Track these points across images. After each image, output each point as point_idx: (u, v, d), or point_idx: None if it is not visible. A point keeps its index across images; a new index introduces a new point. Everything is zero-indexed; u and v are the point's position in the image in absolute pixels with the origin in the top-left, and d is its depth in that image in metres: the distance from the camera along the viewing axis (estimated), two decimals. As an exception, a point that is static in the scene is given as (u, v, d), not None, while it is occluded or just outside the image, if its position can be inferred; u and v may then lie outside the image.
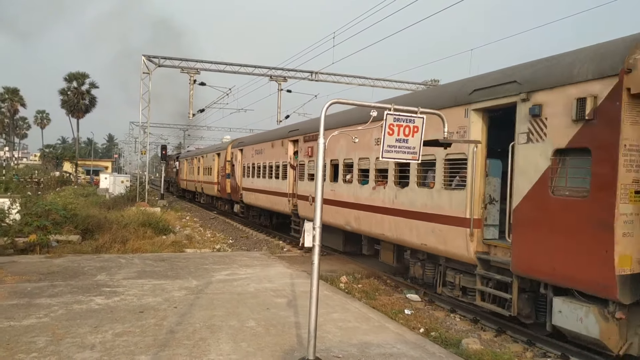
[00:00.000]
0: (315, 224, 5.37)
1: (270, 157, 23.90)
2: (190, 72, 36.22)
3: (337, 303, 10.11)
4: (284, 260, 15.38)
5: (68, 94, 71.52)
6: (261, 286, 11.34)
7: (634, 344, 7.40)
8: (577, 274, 7.56)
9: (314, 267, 5.55)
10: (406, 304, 11.22)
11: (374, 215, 13.32)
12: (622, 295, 7.00)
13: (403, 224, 12.06)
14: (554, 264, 7.96)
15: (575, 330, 7.68)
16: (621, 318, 7.25)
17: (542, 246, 8.17)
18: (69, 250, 15.78)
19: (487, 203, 9.84)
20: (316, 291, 5.59)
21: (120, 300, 9.75)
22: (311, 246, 5.48)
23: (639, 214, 7.12)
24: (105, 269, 12.70)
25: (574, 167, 7.87)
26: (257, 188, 25.94)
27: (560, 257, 7.85)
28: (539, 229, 8.26)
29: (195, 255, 16.00)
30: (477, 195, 9.80)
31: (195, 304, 9.65)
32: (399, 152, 5.80)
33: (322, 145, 5.48)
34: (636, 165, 7.08)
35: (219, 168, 36.00)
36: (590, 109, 7.36)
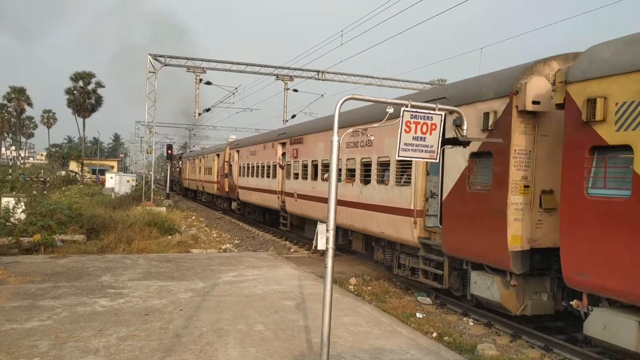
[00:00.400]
0: (329, 225, 5.12)
1: (263, 158, 25.97)
2: (196, 71, 35.98)
3: (347, 306, 9.85)
4: (292, 261, 15.13)
5: (74, 94, 71.31)
6: (269, 288, 11.10)
7: (528, 307, 9.19)
8: (486, 252, 9.54)
9: (327, 271, 5.29)
10: (417, 307, 10.94)
11: (345, 209, 14.85)
12: (514, 267, 8.90)
13: (367, 216, 13.96)
14: (470, 244, 9.89)
15: (485, 296, 9.55)
16: (515, 285, 9.09)
17: (462, 231, 10.12)
18: (74, 250, 15.58)
19: (429, 197, 11.70)
20: (330, 296, 5.35)
21: (125, 303, 9.52)
22: (324, 249, 5.22)
23: (528, 203, 8.97)
24: (110, 270, 12.48)
25: (482, 167, 9.86)
26: (251, 186, 27.87)
27: (474, 239, 9.75)
28: (460, 216, 10.21)
29: (201, 255, 15.77)
30: (420, 190, 11.71)
31: (201, 306, 9.41)
32: (416, 150, 5.54)
33: (336, 143, 5.23)
34: (524, 166, 8.98)
35: (219, 168, 37.86)
36: (492, 122, 9.32)
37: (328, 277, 5.33)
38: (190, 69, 36.08)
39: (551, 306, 9.26)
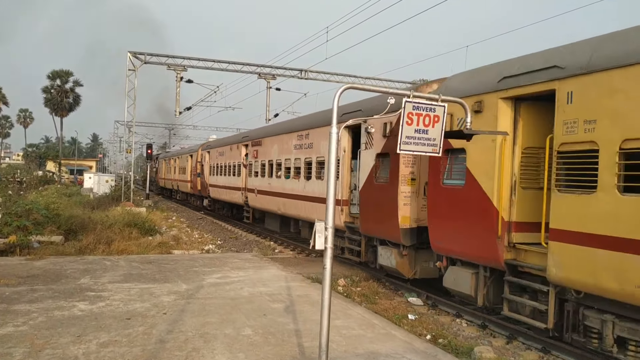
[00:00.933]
0: (328, 223, 4.79)
1: (230, 158, 28.84)
2: (177, 69, 35.35)
3: (338, 308, 9.51)
4: (277, 262, 14.77)
5: (51, 92, 70.08)
6: (256, 290, 10.72)
7: (417, 271, 11.84)
8: (386, 231, 12.23)
9: (326, 272, 4.96)
10: (409, 308, 10.65)
11: (294, 201, 18.45)
12: (404, 241, 11.57)
13: (310, 206, 17.00)
14: (377, 225, 12.75)
15: (387, 264, 12.27)
16: (406, 255, 11.69)
17: (372, 215, 12.87)
18: (51, 251, 15.03)
19: (353, 189, 14.60)
20: (328, 299, 5.02)
21: (106, 306, 9.07)
22: (322, 248, 4.89)
23: (414, 192, 11.61)
24: (89, 272, 11.99)
25: (384, 164, 12.48)
26: (220, 185, 31.14)
27: (379, 221, 12.51)
28: (370, 204, 12.88)
29: (183, 257, 15.32)
30: (345, 184, 14.58)
31: (186, 309, 9.01)
32: (418, 144, 5.23)
33: (335, 135, 4.90)
34: (411, 164, 11.64)
35: (192, 168, 39.89)
36: (388, 130, 11.98)
37: (327, 279, 4.99)
38: (170, 67, 35.42)
39: (436, 271, 11.41)
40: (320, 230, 4.82)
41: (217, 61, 36.44)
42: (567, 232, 7.42)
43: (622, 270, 6.58)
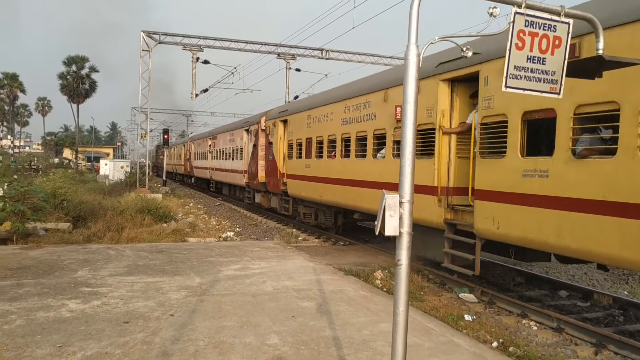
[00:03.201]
0: (404, 196, 3.13)
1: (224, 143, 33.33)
2: (192, 49, 33.83)
3: (380, 307, 7.86)
4: (302, 250, 13.13)
5: (67, 78, 69.00)
6: (280, 284, 9.09)
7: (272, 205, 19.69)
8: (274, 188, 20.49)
9: (401, 274, 3.28)
10: (462, 307, 8.94)
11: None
12: None
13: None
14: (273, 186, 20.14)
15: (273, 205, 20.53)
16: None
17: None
18: (56, 239, 13.61)
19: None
20: (404, 319, 3.32)
21: (101, 306, 7.51)
22: (396, 235, 3.23)
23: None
24: (89, 263, 10.48)
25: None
26: (200, 166, 42.16)
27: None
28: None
29: (198, 245, 13.76)
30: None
31: (197, 309, 7.41)
32: (532, 79, 3.51)
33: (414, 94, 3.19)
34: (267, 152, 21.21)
35: (184, 154, 50.84)
36: (253, 132, 22.85)
37: (402, 283, 3.31)
38: (186, 47, 33.91)
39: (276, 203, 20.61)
40: (393, 205, 3.15)
41: (235, 41, 34.79)
42: (485, 192, 8.79)
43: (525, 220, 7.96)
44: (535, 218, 7.73)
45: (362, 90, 13.62)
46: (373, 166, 12.64)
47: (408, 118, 3.19)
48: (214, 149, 36.35)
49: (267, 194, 23.12)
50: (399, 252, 3.26)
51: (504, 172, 8.31)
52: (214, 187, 37.92)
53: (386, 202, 3.15)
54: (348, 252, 13.65)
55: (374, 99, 12.78)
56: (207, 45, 34.11)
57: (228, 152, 31.42)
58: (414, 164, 3.23)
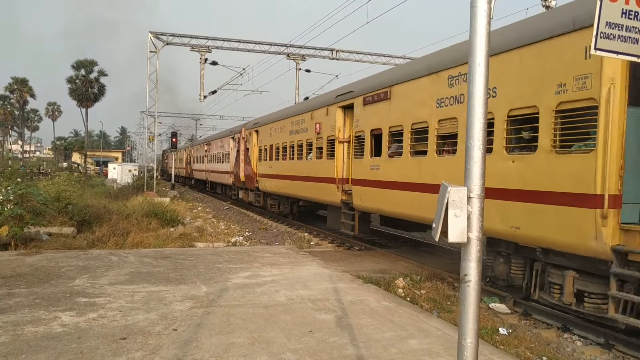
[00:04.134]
0: (473, 189, 2.37)
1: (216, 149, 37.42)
2: (201, 50, 33.26)
3: (406, 320, 7.06)
4: (316, 256, 12.35)
5: (76, 82, 68.66)
6: (294, 294, 8.32)
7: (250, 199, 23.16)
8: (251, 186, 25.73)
9: (469, 296, 2.52)
10: (495, 319, 8.14)
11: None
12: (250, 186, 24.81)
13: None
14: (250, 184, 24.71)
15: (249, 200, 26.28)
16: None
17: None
18: (58, 244, 12.95)
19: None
20: (473, 349, 2.53)
21: (97, 319, 6.77)
22: (462, 241, 2.45)
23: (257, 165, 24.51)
24: (88, 270, 9.76)
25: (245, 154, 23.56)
26: (198, 169, 47.11)
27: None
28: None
29: (206, 250, 13.01)
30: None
31: (203, 323, 6.65)
32: (627, 39, 2.73)
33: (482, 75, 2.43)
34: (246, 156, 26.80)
35: (185, 158, 56.36)
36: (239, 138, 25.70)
37: (471, 303, 2.53)
38: (194, 48, 33.35)
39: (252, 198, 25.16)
40: (459, 202, 2.38)
41: (243, 41, 34.16)
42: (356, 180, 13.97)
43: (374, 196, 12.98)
44: (377, 194, 12.68)
45: (300, 110, 19.49)
46: (306, 165, 18.02)
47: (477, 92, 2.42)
48: (208, 154, 40.77)
49: (247, 191, 28.08)
50: (466, 265, 2.49)
51: (363, 167, 13.55)
52: (209, 187, 43.03)
53: (449, 198, 2.38)
54: (365, 257, 12.87)
55: (306, 117, 18.22)
56: (215, 46, 33.55)
57: (219, 157, 36.06)
58: (484, 150, 2.45)
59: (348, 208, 14.54)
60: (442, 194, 2.43)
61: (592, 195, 6.73)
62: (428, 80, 10.69)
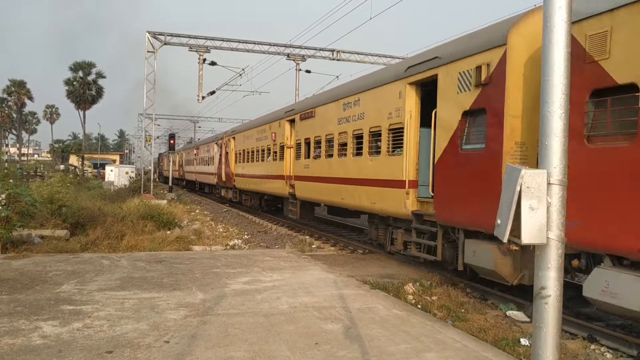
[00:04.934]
0: (553, 174, 1.78)
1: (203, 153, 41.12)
2: (199, 50, 32.70)
3: (421, 330, 6.46)
4: (319, 260, 11.75)
5: (74, 84, 67.97)
6: (298, 301, 7.72)
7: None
8: (229, 184, 30.01)
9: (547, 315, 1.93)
10: (514, 328, 7.53)
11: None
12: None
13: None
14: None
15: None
16: None
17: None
18: (51, 247, 12.39)
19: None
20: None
21: (82, 329, 6.16)
22: (541, 242, 1.85)
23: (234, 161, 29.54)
24: (77, 275, 9.16)
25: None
26: (189, 171, 50.32)
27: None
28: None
29: (202, 254, 12.39)
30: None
31: (198, 334, 6.05)
32: None
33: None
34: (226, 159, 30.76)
35: (178, 162, 59.07)
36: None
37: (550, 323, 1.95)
38: (192, 48, 32.80)
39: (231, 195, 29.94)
40: (536, 190, 1.78)
41: (243, 41, 33.61)
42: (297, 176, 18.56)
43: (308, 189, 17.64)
44: (311, 187, 16.70)
45: (263, 122, 24.30)
46: (267, 166, 22.56)
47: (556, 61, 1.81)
48: (197, 157, 45.01)
49: (227, 189, 32.24)
50: (544, 275, 1.88)
51: (300, 166, 17.85)
52: (198, 187, 47.01)
53: (523, 184, 1.78)
54: (369, 261, 12.26)
55: (267, 128, 22.94)
56: (214, 46, 33.01)
57: (206, 160, 40.10)
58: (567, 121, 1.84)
59: (293, 198, 18.94)
60: (511, 179, 1.84)
61: (402, 180, 11.11)
62: (333, 105, 15.37)
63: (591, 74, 6.43)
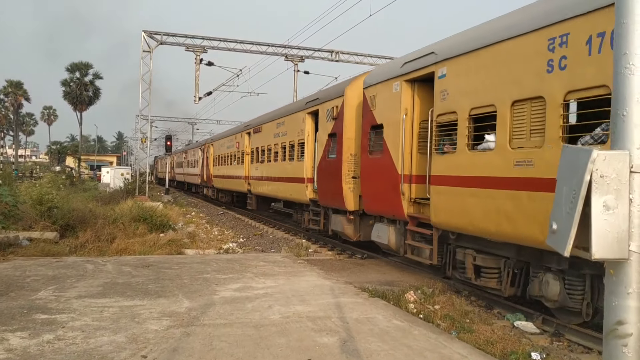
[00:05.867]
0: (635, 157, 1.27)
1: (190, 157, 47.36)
2: (196, 50, 32.20)
3: (424, 344, 5.92)
4: (315, 265, 11.21)
5: (71, 85, 67.52)
6: (291, 311, 7.18)
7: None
8: (209, 184, 36.23)
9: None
10: (523, 340, 6.98)
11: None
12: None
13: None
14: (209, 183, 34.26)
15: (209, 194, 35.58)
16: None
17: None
18: (38, 250, 11.85)
19: None
20: None
21: (53, 341, 5.62)
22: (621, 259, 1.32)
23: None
24: (57, 280, 8.61)
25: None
26: (179, 172, 55.50)
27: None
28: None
29: (193, 259, 11.85)
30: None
31: (180, 348, 5.50)
32: None
33: None
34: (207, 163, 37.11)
35: (170, 164, 58.77)
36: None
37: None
38: (189, 48, 32.28)
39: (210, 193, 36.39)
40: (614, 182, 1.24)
41: (240, 42, 33.11)
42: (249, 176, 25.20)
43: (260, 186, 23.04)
44: (260, 184, 22.10)
45: (231, 133, 30.64)
46: (233, 169, 27.72)
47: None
48: (186, 161, 50.82)
49: (207, 188, 37.44)
50: (621, 305, 1.29)
51: (253, 168, 23.42)
52: (186, 187, 52.46)
53: (595, 171, 1.25)
54: (368, 267, 11.72)
55: (233, 138, 28.60)
56: (211, 46, 32.52)
57: (192, 163, 45.70)
58: None
59: (250, 194, 24.55)
60: (573, 165, 1.31)
61: (303, 177, 16.07)
62: (272, 123, 20.62)
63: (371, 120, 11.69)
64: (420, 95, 10.22)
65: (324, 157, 14.30)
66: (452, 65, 8.81)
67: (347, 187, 12.87)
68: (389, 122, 10.80)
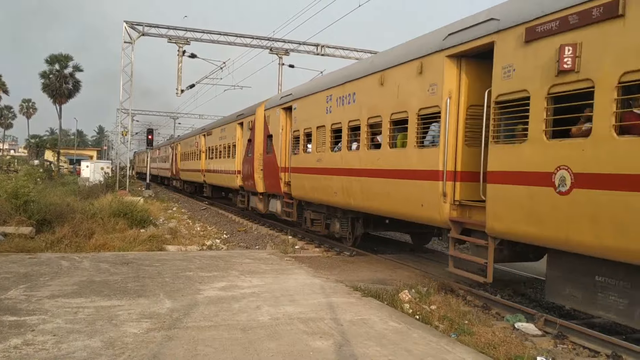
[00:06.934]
0: None
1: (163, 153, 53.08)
2: (178, 42, 31.49)
3: (425, 349, 5.51)
4: (304, 263, 10.77)
5: (50, 77, 65.99)
6: (280, 312, 6.73)
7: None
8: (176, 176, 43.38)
9: None
10: (525, 342, 6.62)
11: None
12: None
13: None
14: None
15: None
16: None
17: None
18: (13, 246, 11.31)
19: None
20: None
21: (21, 347, 5.11)
22: None
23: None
24: (29, 279, 8.06)
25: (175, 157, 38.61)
26: (154, 167, 55.49)
27: None
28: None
29: (175, 255, 11.33)
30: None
31: (161, 354, 5.03)
32: None
33: None
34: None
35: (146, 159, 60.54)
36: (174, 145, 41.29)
37: None
38: (172, 40, 31.55)
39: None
40: None
41: (224, 34, 32.44)
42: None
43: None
44: (211, 176, 28.37)
45: (193, 134, 36.43)
46: (194, 163, 32.49)
47: None
48: (159, 156, 55.97)
49: (176, 180, 43.51)
50: None
51: (208, 162, 28.99)
52: (159, 180, 56.58)
53: None
54: (359, 264, 11.29)
55: (195, 138, 33.55)
56: (194, 38, 31.84)
57: (164, 158, 51.44)
58: None
59: (205, 184, 29.64)
60: None
61: (234, 170, 22.12)
62: (218, 129, 26.54)
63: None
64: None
65: (245, 155, 20.33)
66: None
67: (258, 176, 18.29)
68: (275, 133, 16.75)
